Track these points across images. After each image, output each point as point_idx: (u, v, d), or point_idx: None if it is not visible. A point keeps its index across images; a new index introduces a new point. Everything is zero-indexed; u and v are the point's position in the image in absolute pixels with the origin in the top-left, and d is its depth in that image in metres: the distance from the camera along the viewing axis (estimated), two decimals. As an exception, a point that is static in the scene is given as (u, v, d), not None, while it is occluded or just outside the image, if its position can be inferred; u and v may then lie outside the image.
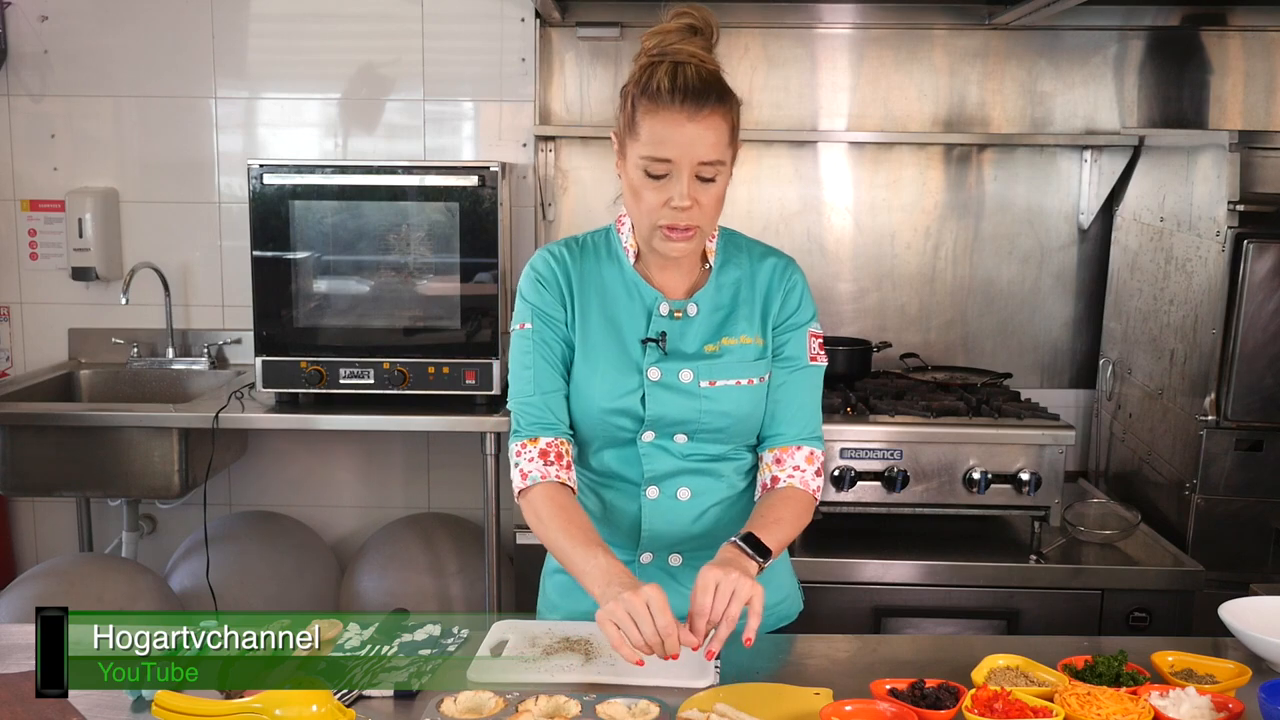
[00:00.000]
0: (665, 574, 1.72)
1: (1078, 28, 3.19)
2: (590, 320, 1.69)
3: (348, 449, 3.42)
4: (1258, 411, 2.52)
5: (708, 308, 1.70)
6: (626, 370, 1.67)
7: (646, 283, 1.69)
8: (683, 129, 1.54)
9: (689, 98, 1.54)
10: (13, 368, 3.37)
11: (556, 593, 1.80)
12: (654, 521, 1.70)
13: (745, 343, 1.69)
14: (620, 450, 1.70)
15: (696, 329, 1.69)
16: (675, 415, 1.67)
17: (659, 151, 1.55)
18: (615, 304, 1.69)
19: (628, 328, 1.68)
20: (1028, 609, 2.55)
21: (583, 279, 1.70)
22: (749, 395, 1.69)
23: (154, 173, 3.31)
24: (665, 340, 1.67)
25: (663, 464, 1.69)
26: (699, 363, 1.67)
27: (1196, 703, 1.42)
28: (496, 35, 3.23)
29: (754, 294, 1.71)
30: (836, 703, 1.41)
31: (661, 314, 1.68)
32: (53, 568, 3.06)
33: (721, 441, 1.70)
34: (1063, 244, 3.29)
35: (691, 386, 1.67)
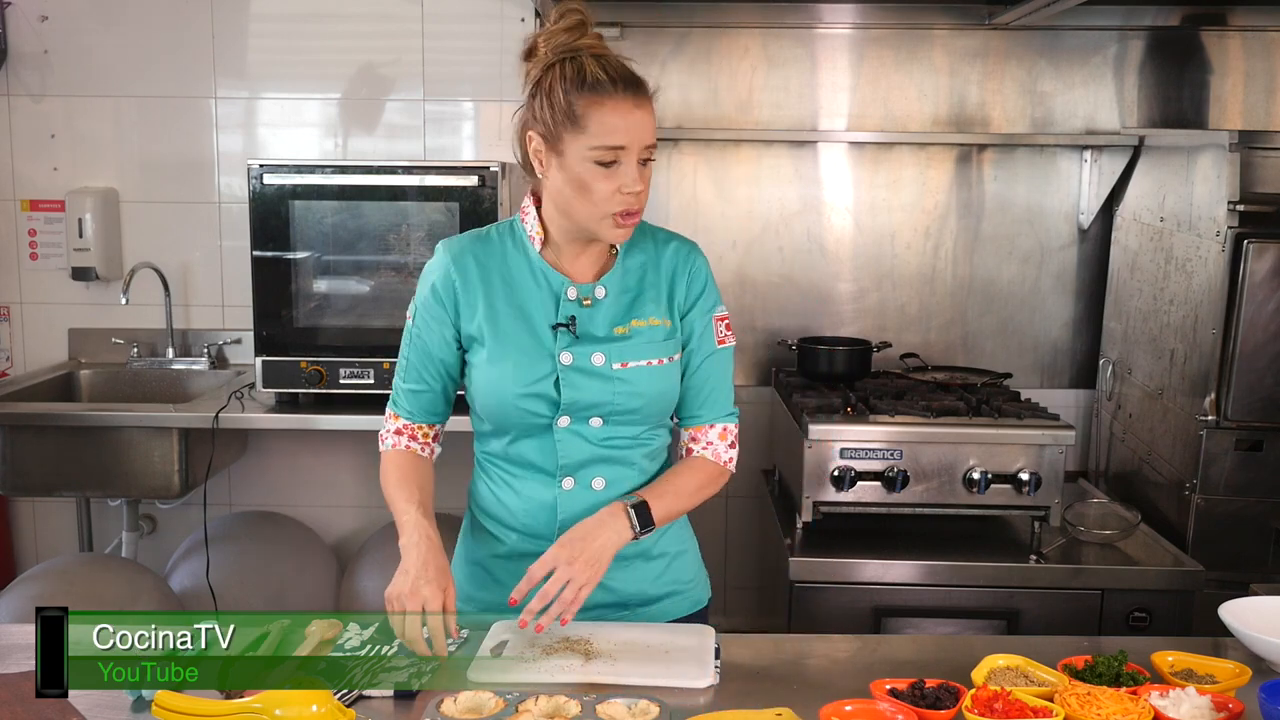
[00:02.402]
0: None
1: (1078, 28, 3.19)
2: (497, 310, 1.70)
3: (348, 449, 3.42)
4: (1258, 411, 2.52)
5: (615, 290, 1.72)
6: (539, 356, 1.68)
7: (554, 269, 1.71)
8: (631, 115, 1.60)
9: (629, 86, 1.61)
10: (13, 368, 3.37)
11: (470, 583, 1.82)
12: (570, 512, 1.71)
13: (654, 324, 1.72)
14: (535, 439, 1.71)
15: (605, 312, 1.71)
16: (590, 398, 1.69)
17: (611, 139, 1.59)
18: (523, 292, 1.71)
19: (537, 315, 1.70)
20: (1028, 609, 2.55)
21: (486, 271, 1.72)
22: (661, 375, 1.72)
23: (154, 173, 3.31)
24: (575, 324, 1.69)
25: (578, 452, 1.71)
26: (609, 345, 1.69)
27: (1196, 703, 1.42)
28: (496, 35, 3.23)
29: (659, 277, 1.74)
30: (836, 703, 1.41)
31: (570, 299, 1.70)
32: (53, 568, 3.06)
33: (636, 423, 1.72)
34: (1063, 244, 3.30)
35: (604, 369, 1.69)
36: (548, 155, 1.65)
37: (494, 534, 1.79)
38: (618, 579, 1.74)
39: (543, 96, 1.65)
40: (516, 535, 1.76)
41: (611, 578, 1.71)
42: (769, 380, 3.29)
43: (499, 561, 1.78)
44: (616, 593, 1.75)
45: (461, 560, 1.86)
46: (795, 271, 3.31)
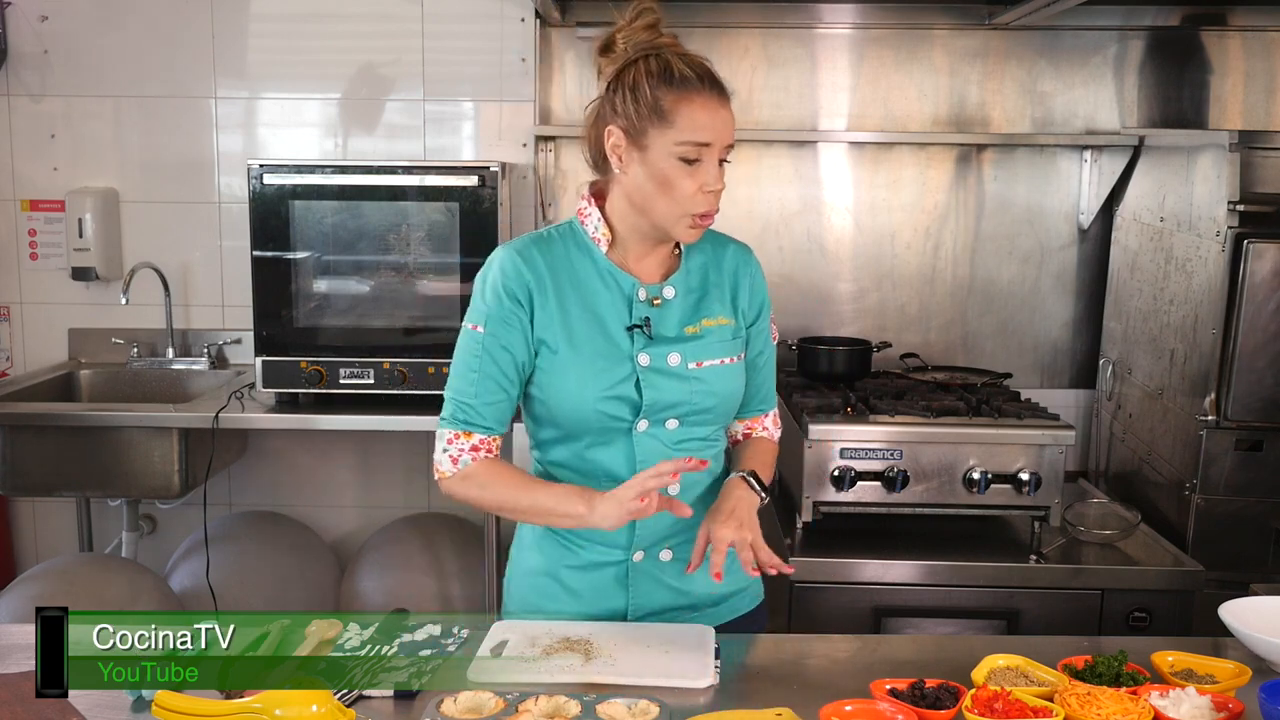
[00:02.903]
0: (656, 569, 1.74)
1: (1078, 28, 3.19)
2: (570, 314, 1.68)
3: (348, 449, 3.42)
4: (1258, 411, 2.52)
5: (682, 291, 1.73)
6: (617, 359, 1.67)
7: (621, 270, 1.71)
8: (718, 113, 1.61)
9: (714, 84, 1.62)
10: (13, 368, 3.37)
11: (536, 594, 1.78)
12: (646, 520, 1.69)
13: (721, 324, 1.73)
14: (611, 445, 1.70)
15: (675, 312, 1.71)
16: (669, 399, 1.68)
17: (699, 136, 1.60)
18: (593, 294, 1.69)
19: (610, 317, 1.69)
20: (1028, 609, 2.55)
21: (555, 274, 1.69)
22: (731, 373, 1.73)
23: (154, 173, 3.31)
24: (650, 325, 1.68)
25: (654, 456, 1.69)
26: (683, 345, 1.69)
27: (1196, 703, 1.42)
28: (496, 35, 3.23)
29: (721, 278, 1.76)
30: (836, 703, 1.41)
31: (641, 299, 1.70)
32: (53, 568, 3.06)
33: (708, 423, 1.73)
34: (1063, 244, 3.29)
35: (680, 369, 1.69)
36: (629, 150, 1.64)
37: (568, 545, 1.75)
38: (693, 583, 1.74)
39: (625, 91, 1.63)
40: (592, 546, 1.74)
41: (688, 582, 1.73)
42: (769, 380, 3.29)
43: (573, 572, 1.75)
44: (687, 594, 1.75)
45: (526, 572, 1.80)
46: (795, 271, 3.31)
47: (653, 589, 1.74)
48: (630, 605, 1.74)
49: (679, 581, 1.74)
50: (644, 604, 1.74)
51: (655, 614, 1.74)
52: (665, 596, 1.74)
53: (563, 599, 1.76)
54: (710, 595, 1.77)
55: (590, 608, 1.74)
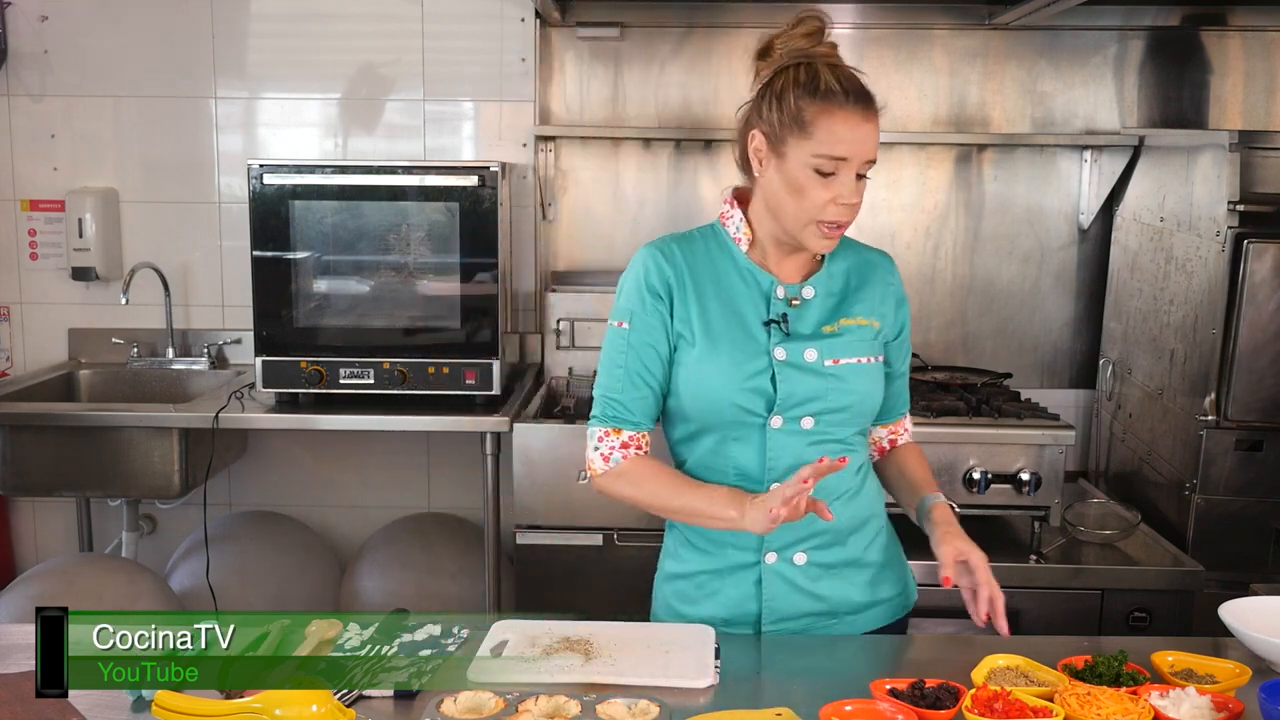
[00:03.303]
0: (791, 572, 1.72)
1: (1078, 28, 3.19)
2: (709, 310, 1.70)
3: (348, 449, 3.42)
4: (1258, 411, 2.52)
5: (823, 292, 1.74)
6: (754, 353, 1.68)
7: (761, 269, 1.72)
8: (859, 129, 1.62)
9: (860, 99, 1.64)
10: (13, 368, 3.37)
11: (677, 599, 1.79)
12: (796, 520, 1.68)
13: (861, 324, 1.73)
14: (744, 442, 1.70)
15: (813, 312, 1.72)
16: (803, 394, 1.68)
17: (836, 150, 1.61)
18: (732, 291, 1.72)
19: (748, 312, 1.71)
20: (1028, 609, 2.54)
21: (696, 272, 1.72)
22: (869, 373, 1.73)
23: (154, 173, 3.31)
24: (787, 322, 1.70)
25: (788, 455, 1.69)
26: (820, 342, 1.70)
27: (1196, 703, 1.42)
28: (496, 35, 3.23)
29: (864, 283, 1.76)
30: (836, 703, 1.41)
31: (779, 297, 1.71)
32: (53, 568, 3.06)
33: (845, 424, 1.72)
34: (1063, 244, 3.29)
35: (816, 365, 1.69)
36: (768, 156, 1.66)
37: (703, 549, 1.76)
38: (828, 588, 1.74)
39: (772, 98, 1.66)
40: (726, 550, 1.74)
41: (824, 587, 1.73)
42: (769, 380, 3.29)
43: (709, 576, 1.76)
44: (826, 600, 1.74)
45: (668, 577, 1.82)
46: (795, 271, 3.30)
47: (787, 593, 1.72)
48: (764, 609, 1.73)
49: (814, 587, 1.72)
50: (778, 609, 1.73)
51: (791, 620, 1.72)
52: (801, 602, 1.72)
53: (703, 603, 1.76)
54: (848, 602, 1.75)
55: (726, 611, 1.74)
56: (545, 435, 2.74)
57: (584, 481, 2.75)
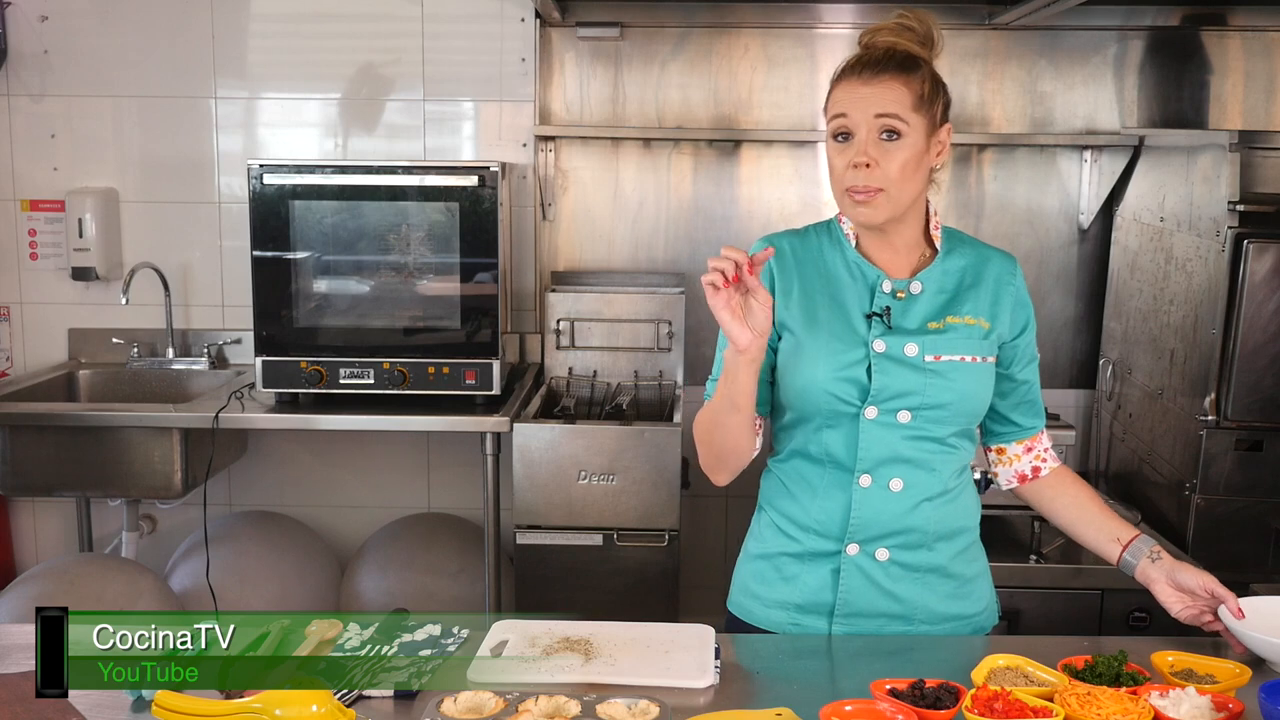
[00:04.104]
0: (871, 567, 1.71)
1: (1078, 28, 3.19)
2: (815, 300, 1.71)
3: (348, 449, 3.42)
4: (1258, 411, 2.52)
5: (932, 289, 1.72)
6: (852, 343, 1.68)
7: (869, 262, 1.72)
8: (859, 90, 1.64)
9: (867, 68, 1.66)
10: (13, 368, 3.37)
11: (755, 580, 1.79)
12: (863, 510, 1.69)
13: (970, 323, 1.71)
14: (839, 430, 1.69)
15: (921, 307, 1.71)
16: (900, 387, 1.67)
17: (836, 109, 1.66)
18: (838, 284, 1.72)
19: (852, 305, 1.71)
20: (1028, 609, 2.55)
21: (803, 263, 1.73)
22: (975, 372, 1.70)
23: (154, 173, 3.31)
24: (889, 315, 1.69)
25: (881, 446, 1.68)
26: (923, 337, 1.68)
27: (1196, 703, 1.42)
28: (496, 35, 3.23)
29: (980, 281, 1.74)
30: (836, 703, 1.41)
31: (884, 291, 1.71)
32: (53, 568, 3.06)
33: (944, 421, 1.69)
34: (1063, 244, 3.30)
35: (916, 360, 1.68)
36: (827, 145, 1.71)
37: (786, 532, 1.76)
38: (908, 590, 1.72)
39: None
40: (810, 535, 1.73)
41: (903, 589, 1.71)
42: (769, 380, 3.29)
43: (790, 560, 1.75)
44: (904, 603, 1.72)
45: (750, 556, 1.82)
46: (795, 271, 3.31)
47: (864, 588, 1.71)
48: (839, 601, 1.71)
49: (894, 586, 1.70)
50: (853, 602, 1.71)
51: (864, 617, 1.71)
52: (877, 599, 1.71)
53: (779, 587, 1.75)
54: (927, 610, 1.73)
55: (802, 598, 1.73)
56: (545, 435, 2.74)
57: (584, 481, 2.75)
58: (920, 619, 1.73)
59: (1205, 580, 1.68)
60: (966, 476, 1.78)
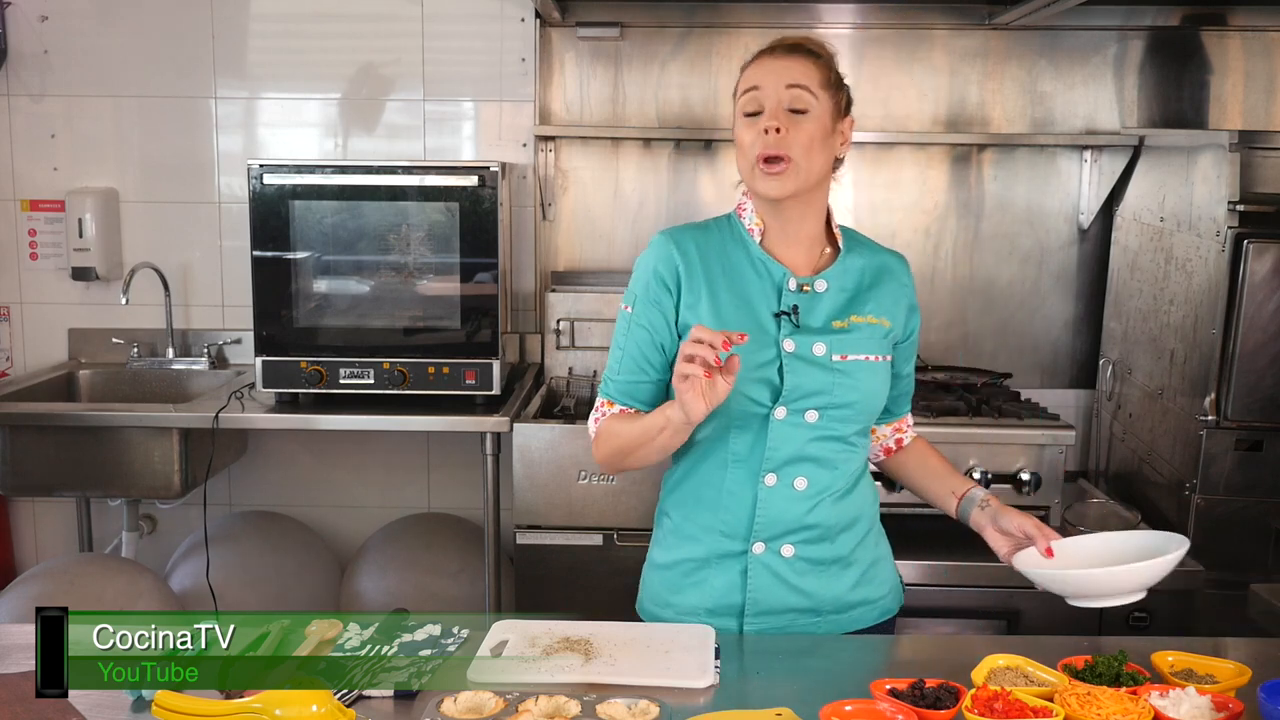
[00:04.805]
0: (777, 564, 1.73)
1: (1078, 28, 3.19)
2: (720, 298, 1.71)
3: (348, 449, 3.42)
4: (1258, 411, 2.52)
5: (835, 287, 1.75)
6: (764, 343, 1.69)
7: (774, 259, 1.73)
8: (771, 64, 1.69)
9: (780, 49, 1.70)
10: (13, 368, 3.37)
11: (664, 587, 1.80)
12: (769, 510, 1.71)
13: (872, 322, 1.75)
14: (747, 432, 1.70)
15: (825, 306, 1.73)
16: (810, 387, 1.69)
17: (748, 83, 1.69)
18: (744, 281, 1.73)
19: (759, 303, 1.72)
20: (1028, 609, 2.55)
21: (707, 260, 1.73)
22: (877, 372, 1.74)
23: (154, 173, 3.31)
24: (797, 314, 1.71)
25: (788, 446, 1.70)
26: (830, 337, 1.71)
27: (1196, 703, 1.42)
28: (496, 35, 3.23)
29: (880, 281, 1.78)
30: (836, 703, 1.41)
31: (790, 289, 1.72)
32: (53, 568, 3.06)
33: (848, 420, 1.73)
34: (1063, 244, 3.30)
35: (824, 360, 1.70)
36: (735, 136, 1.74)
37: (691, 536, 1.77)
38: (814, 584, 1.74)
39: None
40: (715, 537, 1.75)
41: (809, 583, 1.73)
42: (769, 380, 3.29)
43: (695, 565, 1.77)
44: (812, 597, 1.74)
45: (656, 565, 1.83)
46: (795, 271, 3.31)
47: (771, 585, 1.73)
48: (749, 601, 1.73)
49: (800, 581, 1.73)
50: (762, 600, 1.73)
51: (775, 614, 1.73)
52: (785, 595, 1.73)
53: (688, 592, 1.77)
54: (835, 600, 1.76)
55: (711, 601, 1.75)
56: (545, 435, 2.74)
57: (584, 481, 2.75)
58: (828, 610, 1.76)
59: (1023, 522, 1.73)
60: (863, 470, 1.82)
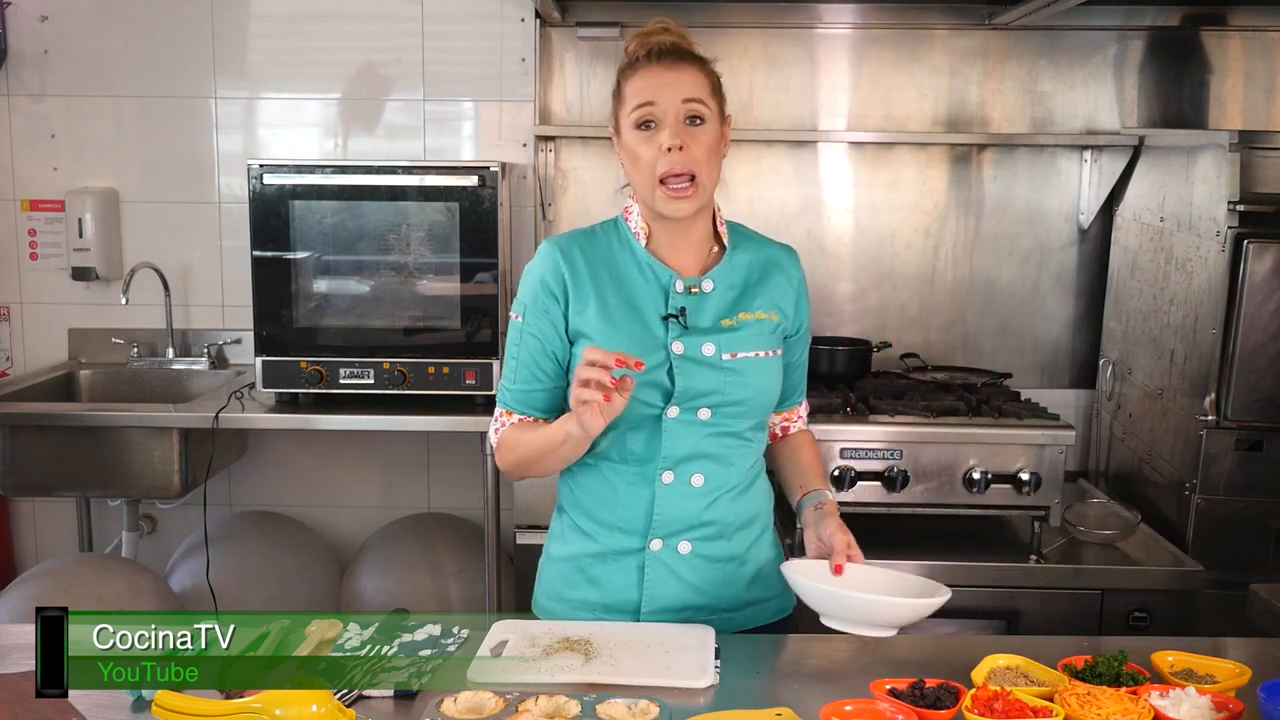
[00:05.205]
0: (674, 561, 1.74)
1: (1078, 28, 3.19)
2: (608, 303, 1.72)
3: (348, 449, 3.42)
4: (1258, 411, 2.52)
5: (723, 285, 1.76)
6: (652, 346, 1.70)
7: (660, 263, 1.74)
8: (662, 76, 1.68)
9: (664, 56, 1.70)
10: (13, 368, 3.37)
11: (559, 582, 1.81)
12: (666, 506, 1.72)
13: (761, 318, 1.76)
14: (641, 432, 1.71)
15: (712, 305, 1.74)
16: (701, 387, 1.70)
17: (642, 98, 1.68)
18: (631, 285, 1.74)
19: (647, 307, 1.73)
20: (1028, 609, 2.55)
21: (594, 267, 1.74)
22: (768, 367, 1.75)
23: (154, 173, 3.31)
24: (685, 316, 1.71)
25: (683, 444, 1.71)
26: (718, 336, 1.72)
27: (1196, 703, 1.42)
28: (496, 35, 3.23)
29: (767, 276, 1.79)
30: (836, 703, 1.41)
31: (678, 291, 1.73)
32: (53, 568, 3.06)
33: (742, 416, 1.74)
34: (1063, 244, 3.29)
35: (714, 359, 1.71)
36: (617, 143, 1.74)
37: (589, 533, 1.78)
38: (710, 581, 1.75)
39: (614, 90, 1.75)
40: (613, 533, 1.75)
41: (706, 580, 1.75)
42: (769, 380, 3.29)
43: (593, 561, 1.77)
44: (705, 593, 1.76)
45: (552, 560, 1.84)
46: (795, 271, 3.31)
47: (668, 582, 1.74)
48: (644, 598, 1.74)
49: (696, 579, 1.74)
50: (658, 598, 1.74)
51: (671, 611, 1.74)
52: (682, 593, 1.74)
53: (584, 588, 1.77)
54: (731, 598, 1.77)
55: (607, 598, 1.75)
56: (545, 435, 2.74)
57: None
58: (724, 608, 1.77)
59: (833, 535, 1.72)
60: (760, 467, 1.83)
